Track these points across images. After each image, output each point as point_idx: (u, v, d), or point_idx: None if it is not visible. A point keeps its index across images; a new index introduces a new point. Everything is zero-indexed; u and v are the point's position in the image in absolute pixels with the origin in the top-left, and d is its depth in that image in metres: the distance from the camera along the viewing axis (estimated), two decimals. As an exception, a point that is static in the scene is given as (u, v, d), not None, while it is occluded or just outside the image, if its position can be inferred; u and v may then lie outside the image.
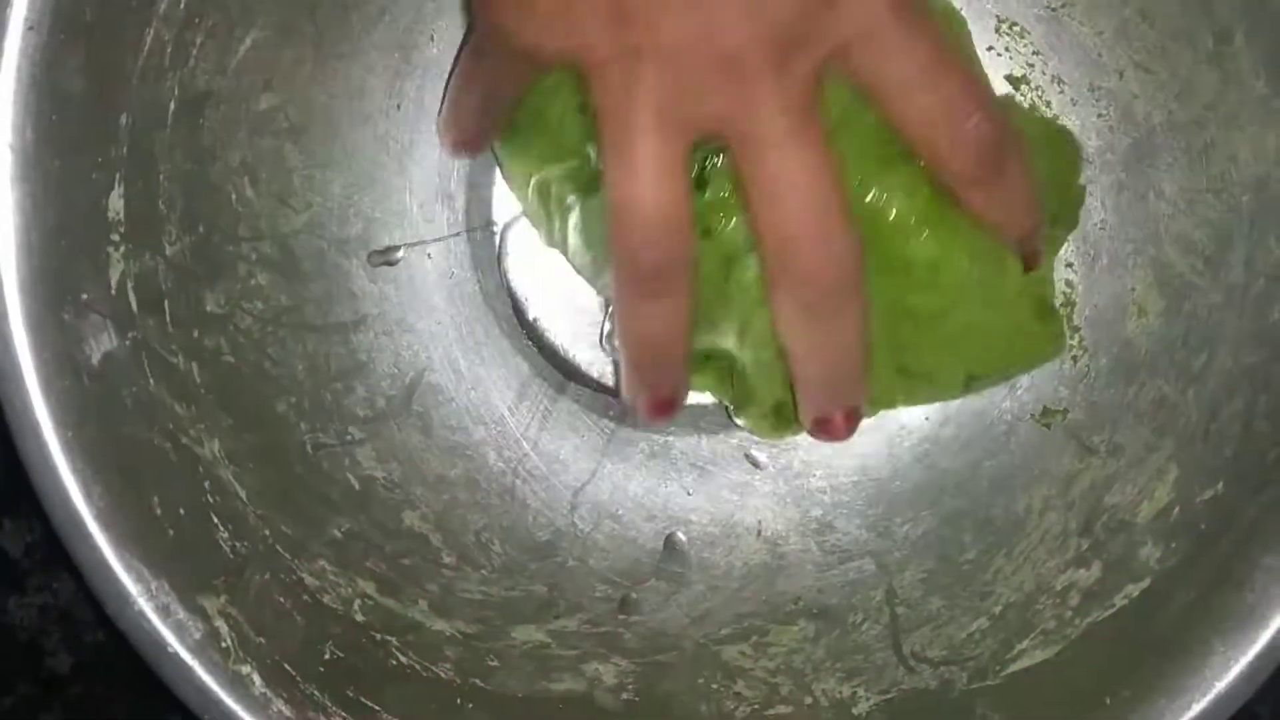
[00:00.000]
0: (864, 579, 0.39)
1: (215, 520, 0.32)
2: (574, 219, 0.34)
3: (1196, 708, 0.32)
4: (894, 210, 0.31)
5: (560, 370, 0.39)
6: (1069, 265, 0.39)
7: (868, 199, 0.31)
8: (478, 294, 0.39)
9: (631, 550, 0.39)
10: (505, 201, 0.39)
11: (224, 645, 0.30)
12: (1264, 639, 0.32)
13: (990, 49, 0.39)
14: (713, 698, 0.37)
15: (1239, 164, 0.36)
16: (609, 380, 0.40)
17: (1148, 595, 0.35)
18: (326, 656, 0.32)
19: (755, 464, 0.40)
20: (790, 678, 0.37)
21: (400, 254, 0.39)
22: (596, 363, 0.39)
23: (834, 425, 0.33)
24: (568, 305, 0.39)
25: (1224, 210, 0.36)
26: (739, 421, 0.37)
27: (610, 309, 0.39)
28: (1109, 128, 0.38)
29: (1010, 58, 0.39)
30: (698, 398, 0.38)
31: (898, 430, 0.39)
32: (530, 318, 0.39)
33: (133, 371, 0.31)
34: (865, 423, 0.36)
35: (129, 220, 0.31)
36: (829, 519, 0.39)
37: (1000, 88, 0.39)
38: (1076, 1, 0.37)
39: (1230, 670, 0.32)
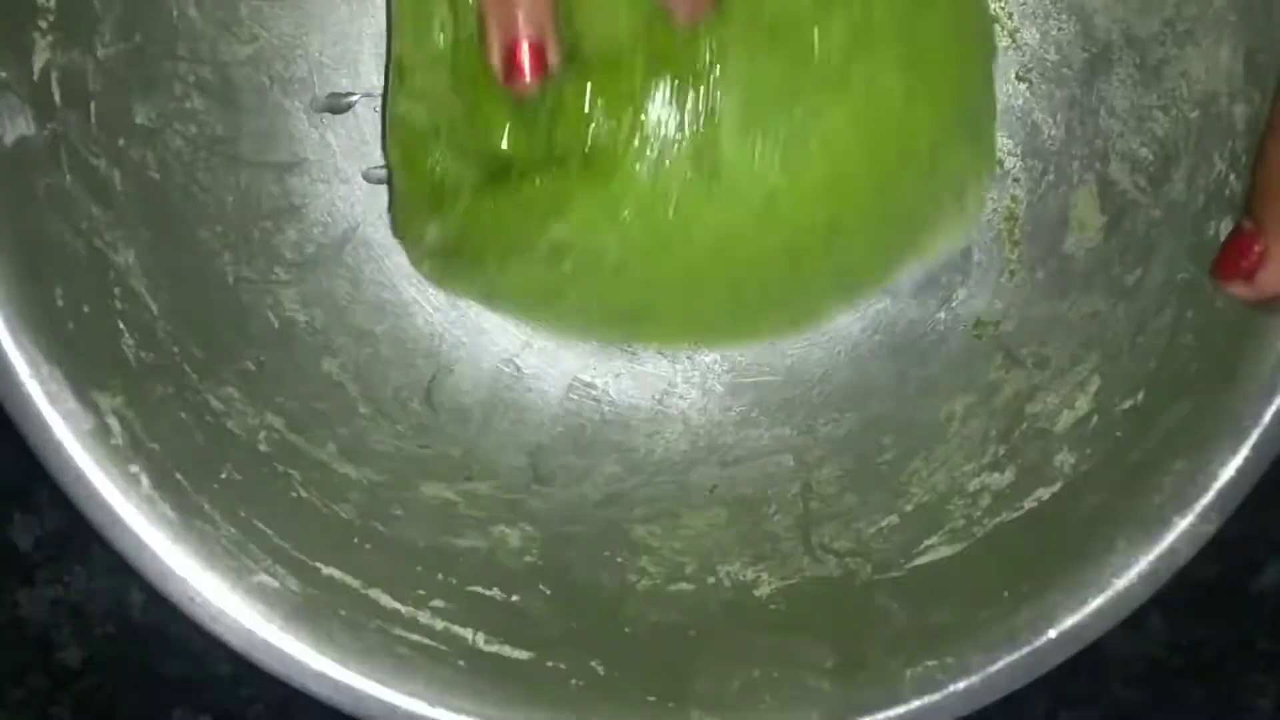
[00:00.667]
0: (781, 473, 0.38)
1: (121, 326, 0.31)
2: None
3: (1093, 603, 0.32)
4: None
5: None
6: (1015, 180, 0.39)
7: None
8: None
9: (552, 425, 0.39)
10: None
11: (114, 442, 0.29)
12: (1167, 540, 0.32)
13: (956, -45, 0.39)
14: (615, 570, 0.36)
15: (1190, 80, 0.36)
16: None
17: (1057, 498, 0.35)
18: (223, 475, 0.32)
19: (688, 357, 0.40)
20: (696, 558, 0.37)
21: (355, 99, 0.38)
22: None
23: (518, 64, 0.32)
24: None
25: (1171, 127, 0.36)
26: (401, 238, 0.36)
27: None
28: (1067, 42, 0.38)
29: (976, -36, 0.39)
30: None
31: (830, 336, 0.39)
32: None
33: (47, 162, 0.30)
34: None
35: (59, 10, 0.31)
36: (753, 414, 0.39)
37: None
38: (1044, -91, 0.37)
39: (1130, 569, 0.32)
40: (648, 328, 0.38)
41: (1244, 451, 0.32)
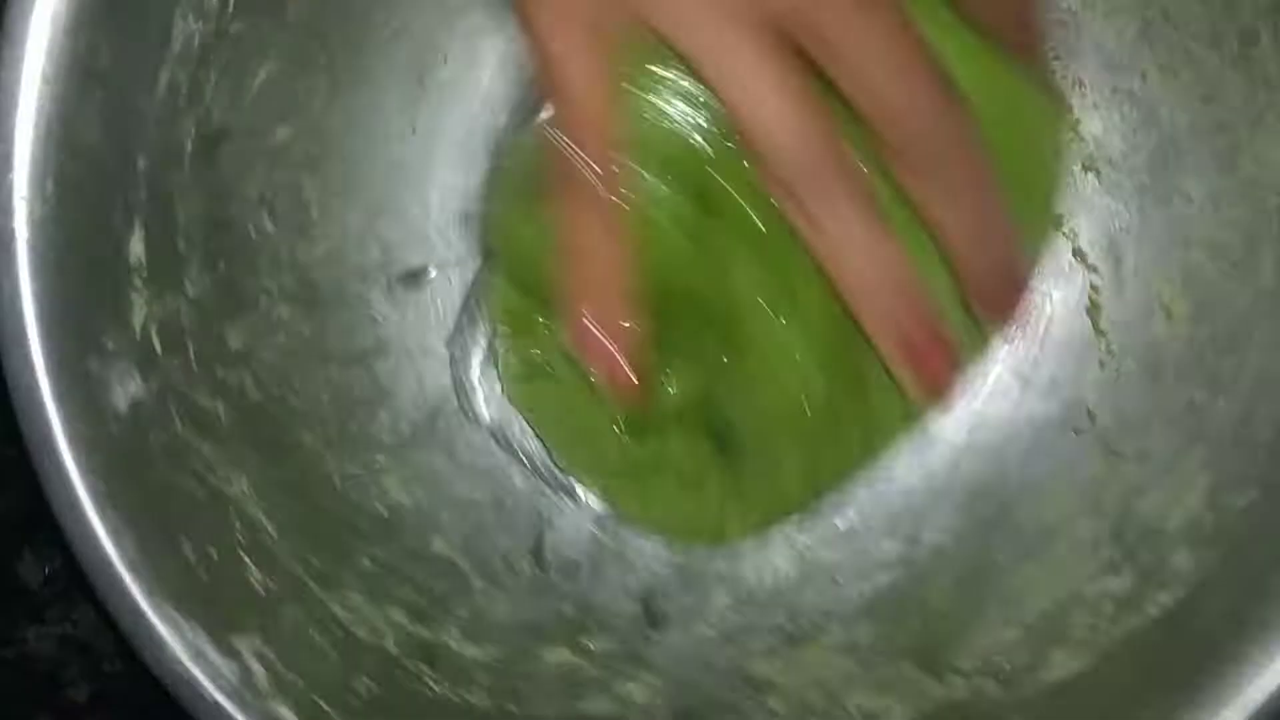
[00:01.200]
0: (893, 589, 0.38)
1: (246, 559, 0.32)
2: None
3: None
4: None
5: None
6: (1093, 269, 0.39)
7: None
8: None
9: (659, 566, 0.39)
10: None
11: (259, 686, 0.30)
12: (1301, 650, 0.32)
13: (1009, 54, 0.38)
14: (744, 713, 0.37)
15: (1266, 165, 0.35)
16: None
17: (1181, 605, 0.34)
18: (361, 691, 0.32)
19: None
20: (822, 691, 0.37)
21: (430, 273, 0.39)
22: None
23: (1011, 297, 0.32)
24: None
25: (1252, 212, 0.36)
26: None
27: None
28: (1132, 130, 0.38)
29: (1030, 62, 0.38)
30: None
31: (925, 438, 0.39)
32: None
33: (159, 415, 0.31)
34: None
35: (150, 263, 0.32)
36: (856, 528, 0.39)
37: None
38: (1096, 4, 0.37)
39: (1265, 683, 0.32)
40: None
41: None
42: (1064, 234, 0.39)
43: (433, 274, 0.39)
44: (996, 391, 0.39)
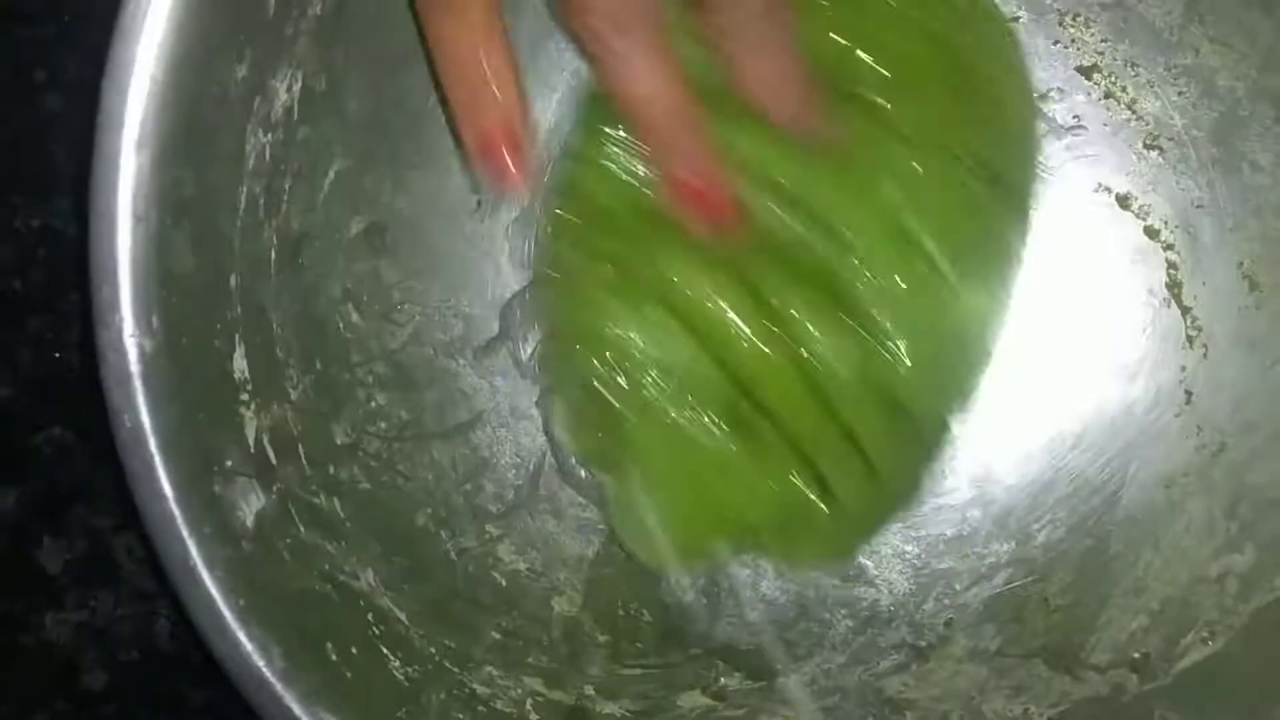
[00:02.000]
0: (1013, 590, 0.38)
1: (385, 650, 0.33)
2: None
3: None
4: None
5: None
6: (1169, 247, 0.39)
7: None
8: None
9: (776, 595, 0.39)
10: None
11: (418, 778, 0.31)
12: None
13: (1056, 43, 0.38)
14: (885, 734, 0.37)
15: (1334, 124, 0.35)
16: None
17: (1310, 573, 0.34)
18: (511, 764, 0.33)
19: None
20: (958, 702, 0.37)
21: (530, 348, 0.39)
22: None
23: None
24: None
25: (1326, 172, 0.36)
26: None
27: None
28: (1191, 105, 0.38)
29: (1078, 49, 0.38)
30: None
31: (1020, 432, 0.39)
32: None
33: (284, 523, 0.32)
34: (988, 429, 0.37)
35: (254, 376, 0.32)
36: (964, 534, 0.39)
37: (1072, 80, 0.38)
38: (1140, -15, 0.37)
39: None
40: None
41: None
42: (1133, 213, 0.39)
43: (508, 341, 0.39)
44: (1086, 381, 0.39)
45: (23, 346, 0.40)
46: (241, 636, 0.29)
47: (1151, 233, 0.39)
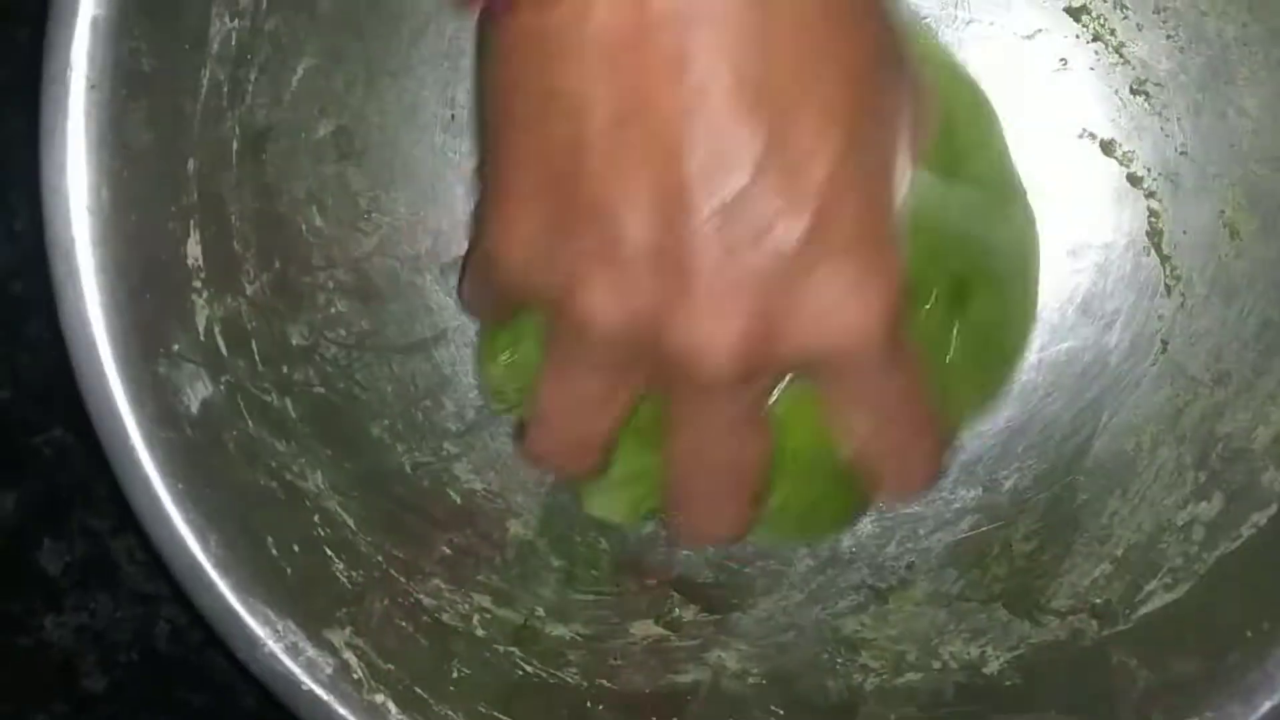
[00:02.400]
0: (977, 535, 0.38)
1: (329, 552, 0.32)
2: None
3: (1344, 632, 0.31)
4: None
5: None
6: (1150, 195, 0.38)
7: None
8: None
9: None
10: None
11: (355, 677, 0.30)
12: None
13: (1047, -18, 0.38)
14: (839, 673, 0.36)
15: (1323, 69, 0.35)
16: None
17: (1275, 522, 0.34)
18: (454, 675, 0.32)
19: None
20: (915, 644, 0.36)
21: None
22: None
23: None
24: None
25: (1312, 119, 0.35)
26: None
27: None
28: (1179, 49, 0.37)
29: (1068, -12, 0.38)
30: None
31: (992, 381, 0.39)
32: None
33: (231, 415, 0.31)
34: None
35: (208, 265, 0.31)
36: (933, 479, 0.39)
37: (1060, 21, 0.38)
38: (1131, -77, 0.36)
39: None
40: None
41: None
42: (1117, 159, 0.38)
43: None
44: (1062, 327, 0.38)
45: (22, 348, 0.40)
46: (178, 521, 0.28)
47: (1134, 180, 0.38)
